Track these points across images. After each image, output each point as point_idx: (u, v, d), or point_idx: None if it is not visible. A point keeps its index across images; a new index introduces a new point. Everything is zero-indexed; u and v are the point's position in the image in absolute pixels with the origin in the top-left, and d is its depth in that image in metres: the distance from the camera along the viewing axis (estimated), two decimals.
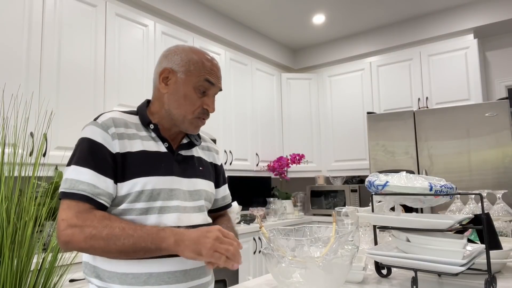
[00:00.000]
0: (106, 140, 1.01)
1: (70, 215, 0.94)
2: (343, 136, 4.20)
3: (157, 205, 1.01)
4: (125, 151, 1.02)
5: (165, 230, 0.93)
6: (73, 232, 0.92)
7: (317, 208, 4.10)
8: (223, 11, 3.72)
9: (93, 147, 0.99)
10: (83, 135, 1.03)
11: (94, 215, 0.95)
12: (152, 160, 1.05)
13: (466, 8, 3.66)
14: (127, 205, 1.00)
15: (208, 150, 1.26)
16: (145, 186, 1.01)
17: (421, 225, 1.10)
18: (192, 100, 1.07)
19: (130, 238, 0.91)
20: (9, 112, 2.05)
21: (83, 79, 2.45)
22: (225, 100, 3.59)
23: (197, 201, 1.11)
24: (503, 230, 1.61)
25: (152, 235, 0.92)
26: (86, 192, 0.96)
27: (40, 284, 1.60)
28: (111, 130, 1.02)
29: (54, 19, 2.33)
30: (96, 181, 0.97)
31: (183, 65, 1.08)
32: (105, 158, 0.99)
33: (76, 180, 0.96)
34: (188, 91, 1.07)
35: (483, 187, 2.94)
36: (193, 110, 1.08)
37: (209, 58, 1.11)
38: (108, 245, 0.92)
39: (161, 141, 1.10)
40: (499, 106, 2.98)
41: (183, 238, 0.91)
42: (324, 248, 0.99)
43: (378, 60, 4.05)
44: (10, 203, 1.55)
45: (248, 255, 3.19)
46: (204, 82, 1.08)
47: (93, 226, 0.93)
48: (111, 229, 0.92)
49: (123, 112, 1.11)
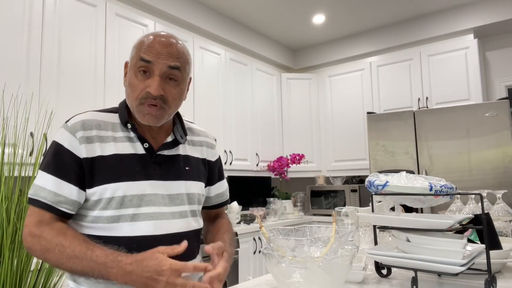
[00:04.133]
0: (72, 144, 0.95)
1: (31, 223, 0.92)
2: (343, 136, 4.20)
3: (128, 213, 0.95)
4: (94, 156, 0.96)
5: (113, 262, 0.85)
6: (32, 241, 0.91)
7: (317, 208, 4.10)
8: (223, 11, 3.72)
9: (58, 152, 0.95)
10: (54, 138, 0.98)
11: (51, 228, 0.91)
12: (126, 164, 0.98)
13: (466, 8, 3.66)
14: (98, 212, 0.95)
15: (200, 146, 1.16)
16: (115, 192, 0.95)
17: (421, 225, 1.10)
18: (134, 86, 0.97)
19: (78, 263, 0.87)
20: (9, 112, 2.05)
21: (83, 79, 2.45)
22: (225, 100, 3.59)
23: (178, 206, 1.03)
24: (503, 230, 1.61)
25: (100, 265, 0.86)
26: (46, 200, 0.93)
27: (40, 284, 1.60)
28: (79, 134, 0.96)
29: (54, 19, 2.33)
30: (57, 188, 0.93)
31: (130, 52, 1.01)
32: (69, 164, 0.94)
33: (39, 187, 0.93)
34: (130, 77, 0.98)
35: (483, 187, 2.94)
36: (136, 96, 0.97)
37: (151, 35, 0.99)
38: (59, 265, 0.89)
39: (140, 141, 1.02)
40: (499, 106, 2.98)
41: (132, 279, 0.84)
42: (324, 248, 0.99)
43: (378, 60, 4.05)
44: (10, 203, 1.55)
45: (248, 255, 3.19)
46: (140, 62, 0.96)
47: (47, 240, 0.89)
48: (62, 249, 0.88)
49: (102, 111, 1.04)
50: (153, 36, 0.99)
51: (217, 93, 3.51)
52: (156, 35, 0.99)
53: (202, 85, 3.35)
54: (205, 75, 3.40)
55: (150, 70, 0.97)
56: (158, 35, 1.00)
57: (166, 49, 0.97)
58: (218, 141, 3.42)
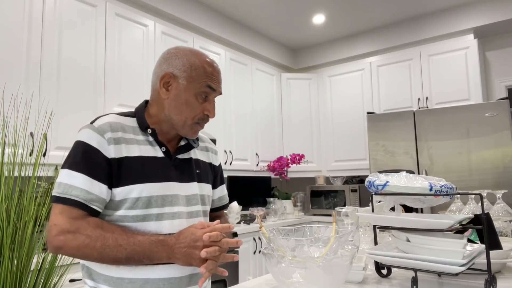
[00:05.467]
0: (101, 144, 0.99)
1: (62, 221, 0.93)
2: (343, 136, 4.20)
3: (154, 212, 1.01)
4: (121, 156, 1.00)
5: (157, 243, 0.93)
6: (66, 238, 0.92)
7: (317, 208, 4.10)
8: (223, 11, 3.72)
9: (88, 151, 0.98)
10: (78, 138, 1.01)
11: (87, 223, 0.94)
12: (149, 166, 1.04)
13: (466, 8, 3.66)
14: (124, 211, 0.99)
15: (206, 151, 1.24)
16: (141, 193, 1.00)
17: (421, 225, 1.10)
18: (193, 107, 1.06)
19: (123, 250, 0.92)
20: (9, 112, 2.05)
21: (83, 79, 2.45)
22: (225, 100, 3.59)
23: (193, 206, 1.10)
24: (503, 230, 1.61)
25: (144, 249, 0.92)
26: (79, 198, 0.95)
27: (40, 284, 1.60)
28: (107, 134, 1.00)
29: (54, 19, 2.33)
30: (89, 186, 0.96)
31: (184, 70, 1.05)
32: (100, 163, 0.98)
33: (69, 185, 0.95)
34: (189, 98, 1.05)
35: (483, 187, 2.94)
36: (194, 116, 1.06)
37: (210, 62, 1.09)
38: (101, 256, 0.92)
39: (158, 145, 1.08)
40: (499, 106, 2.98)
41: (174, 252, 0.93)
42: (324, 248, 0.99)
43: (378, 60, 4.05)
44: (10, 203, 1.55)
45: (248, 255, 3.19)
46: (206, 88, 1.06)
47: (86, 235, 0.92)
48: (104, 240, 0.92)
49: (120, 115, 1.09)
50: (211, 62, 1.09)
51: None
52: (213, 62, 1.09)
53: None
54: None
55: (207, 95, 1.08)
56: (213, 61, 1.10)
57: (220, 77, 1.11)
58: (218, 141, 3.42)
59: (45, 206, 1.68)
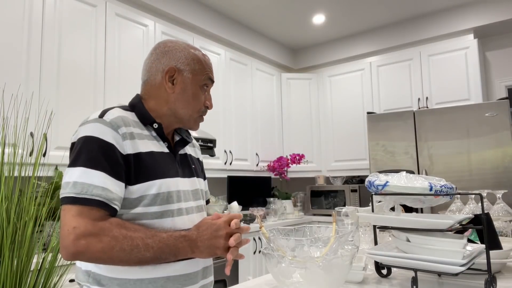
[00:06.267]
0: (117, 140, 0.94)
1: (83, 223, 0.86)
2: (343, 136, 4.20)
3: (172, 208, 0.99)
4: (137, 152, 0.97)
5: (181, 239, 0.93)
6: (89, 242, 0.85)
7: (317, 208, 4.10)
8: (223, 11, 3.72)
9: (104, 147, 0.92)
10: (88, 133, 0.94)
11: (110, 223, 0.89)
12: (162, 161, 1.02)
13: (466, 8, 3.66)
14: (142, 208, 0.96)
15: (193, 146, 1.24)
16: (160, 188, 0.97)
17: (421, 225, 1.10)
18: (199, 99, 1.07)
19: (150, 250, 0.89)
20: (9, 112, 2.05)
21: (83, 79, 2.45)
22: (225, 100, 3.59)
23: (198, 201, 1.11)
24: (503, 230, 1.61)
25: (170, 246, 0.91)
26: (101, 197, 0.89)
27: (40, 284, 1.60)
28: (122, 129, 0.96)
29: (54, 19, 2.33)
30: (109, 185, 0.90)
31: (188, 63, 1.06)
32: (117, 160, 0.93)
33: (88, 184, 0.88)
34: (195, 90, 1.06)
35: (483, 187, 2.94)
36: (199, 109, 1.08)
37: (204, 54, 1.12)
38: (129, 257, 0.88)
39: (162, 140, 1.06)
40: (499, 106, 2.98)
41: (198, 245, 0.94)
42: (324, 248, 0.99)
43: (378, 60, 4.05)
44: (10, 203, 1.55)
45: (248, 255, 3.19)
46: (208, 81, 1.09)
47: (112, 236, 0.87)
48: (131, 240, 0.88)
49: (123, 109, 1.04)
50: (207, 56, 1.11)
51: (217, 93, 3.51)
52: (205, 54, 1.11)
53: None
54: None
55: (208, 87, 1.10)
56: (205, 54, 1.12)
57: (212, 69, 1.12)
58: (218, 141, 3.42)
59: (45, 206, 1.68)
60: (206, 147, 3.07)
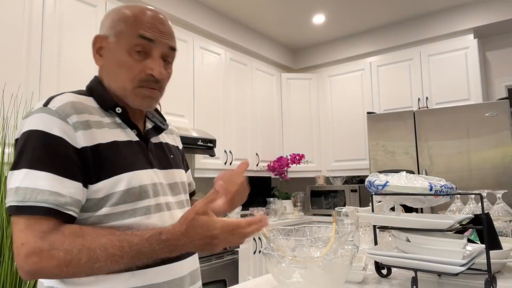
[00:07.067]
0: (66, 132, 0.78)
1: (32, 238, 0.72)
2: (343, 136, 4.20)
3: (148, 204, 0.84)
4: (94, 144, 0.81)
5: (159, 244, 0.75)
6: (41, 259, 0.71)
7: (317, 208, 4.10)
8: (223, 11, 3.72)
9: (50, 142, 0.76)
10: (31, 127, 0.78)
11: (63, 234, 0.73)
12: (129, 151, 0.86)
13: (466, 8, 3.66)
14: (109, 209, 0.80)
15: (171, 133, 1.08)
16: (130, 183, 0.82)
17: (421, 225, 1.10)
18: (128, 66, 0.86)
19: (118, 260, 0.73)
20: (9, 112, 2.05)
21: (83, 79, 2.44)
22: (225, 100, 3.59)
23: (178, 196, 0.96)
24: (503, 230, 1.61)
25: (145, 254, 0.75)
26: (48, 204, 0.73)
27: None
28: (72, 118, 0.80)
29: (54, 19, 2.33)
30: (59, 187, 0.75)
31: (113, 26, 0.88)
32: (67, 156, 0.77)
33: (32, 189, 0.73)
34: (121, 56, 0.86)
35: (483, 187, 2.94)
36: (132, 78, 0.86)
37: (145, 9, 0.89)
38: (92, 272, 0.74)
39: (130, 127, 0.91)
40: (499, 106, 2.98)
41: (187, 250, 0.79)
42: (324, 248, 0.99)
43: (378, 60, 4.05)
44: None
45: (248, 255, 3.19)
46: (139, 40, 0.86)
47: (66, 250, 0.71)
48: (89, 252, 0.72)
49: (77, 93, 0.88)
50: (149, 12, 0.89)
51: (217, 93, 3.51)
52: (151, 10, 0.90)
53: (202, 85, 3.35)
54: (205, 75, 3.40)
55: (147, 50, 0.87)
56: (153, 10, 0.90)
57: (166, 28, 0.90)
58: (218, 141, 3.42)
59: None
60: (206, 147, 3.07)
